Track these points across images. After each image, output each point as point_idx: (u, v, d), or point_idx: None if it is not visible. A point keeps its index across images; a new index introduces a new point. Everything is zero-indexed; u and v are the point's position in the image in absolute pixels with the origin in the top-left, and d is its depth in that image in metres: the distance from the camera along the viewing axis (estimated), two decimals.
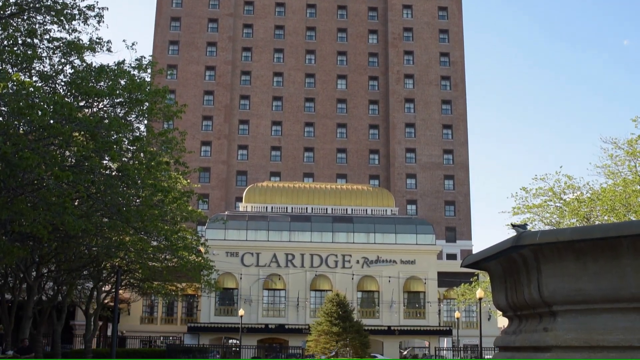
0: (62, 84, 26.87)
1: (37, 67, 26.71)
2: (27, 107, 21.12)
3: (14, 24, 26.25)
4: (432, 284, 72.39)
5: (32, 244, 33.57)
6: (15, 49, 25.23)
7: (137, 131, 29.62)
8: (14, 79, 21.78)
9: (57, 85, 26.96)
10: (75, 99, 25.95)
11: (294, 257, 72.34)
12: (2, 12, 25.48)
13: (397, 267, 72.31)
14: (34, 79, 25.95)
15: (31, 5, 26.14)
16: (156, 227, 34.15)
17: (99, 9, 27.66)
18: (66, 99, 24.63)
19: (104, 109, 27.72)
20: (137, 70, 28.11)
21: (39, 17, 26.83)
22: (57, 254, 39.05)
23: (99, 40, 27.88)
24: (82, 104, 26.36)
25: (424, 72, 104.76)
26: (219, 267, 61.72)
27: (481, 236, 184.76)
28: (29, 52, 25.12)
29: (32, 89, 22.27)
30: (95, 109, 27.44)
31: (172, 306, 74.35)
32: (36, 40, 26.32)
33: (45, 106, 22.21)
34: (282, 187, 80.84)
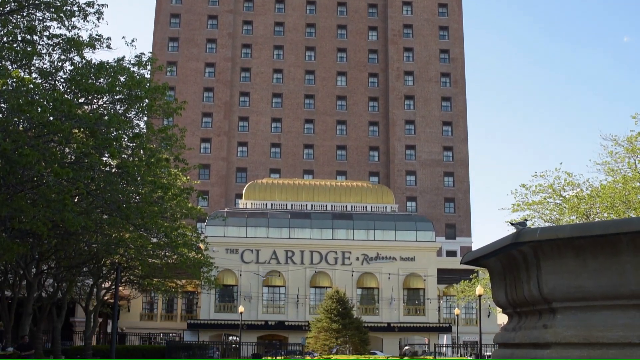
0: (62, 80, 26.87)
1: (36, 64, 26.71)
2: (27, 104, 21.11)
3: (14, 21, 26.24)
4: (432, 281, 72.44)
5: (32, 241, 33.61)
6: (14, 45, 25.23)
7: (136, 128, 29.63)
8: (14, 75, 21.76)
9: (56, 82, 26.96)
10: (75, 95, 25.95)
11: (294, 254, 72.36)
12: (1, 8, 25.45)
13: (397, 264, 72.34)
14: (34, 75, 25.93)
15: (31, 1, 26.10)
16: (156, 223, 34.17)
17: (98, 5, 27.64)
18: (66, 95, 24.62)
19: (104, 105, 27.71)
20: (136, 67, 28.11)
21: (38, 14, 26.82)
22: (57, 251, 39.10)
23: (98, 37, 27.86)
24: (81, 100, 26.35)
25: (423, 69, 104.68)
26: (219, 264, 61.73)
27: (481, 233, 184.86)
28: (29, 49, 25.10)
29: (32, 86, 22.26)
30: (95, 106, 27.44)
31: (172, 303, 74.41)
32: (36, 37, 26.32)
33: (45, 103, 22.21)
34: (281, 184, 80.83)
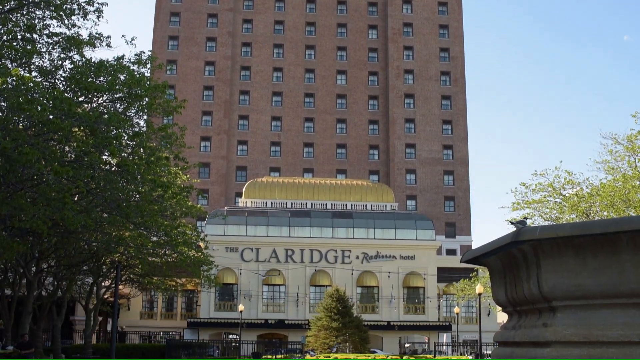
0: (62, 79, 26.85)
1: (36, 62, 26.70)
2: (27, 102, 21.10)
3: (13, 19, 26.21)
4: (432, 280, 72.44)
5: (32, 239, 33.62)
6: (14, 44, 25.21)
7: (136, 126, 29.62)
8: (14, 74, 21.76)
9: (56, 80, 26.94)
10: (74, 94, 25.93)
11: (294, 253, 72.36)
12: (1, 7, 25.43)
13: (397, 263, 72.33)
14: (34, 74, 25.92)
15: (30, 0, 26.09)
16: (156, 222, 34.18)
17: (98, 4, 27.62)
18: (66, 94, 24.60)
19: (104, 104, 27.69)
20: (136, 65, 28.09)
21: (38, 12, 26.80)
22: (57, 250, 39.11)
23: (98, 35, 27.84)
24: (81, 99, 26.33)
25: (423, 68, 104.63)
26: (219, 263, 61.73)
27: (481, 232, 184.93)
28: (29, 47, 25.09)
29: (32, 84, 22.26)
30: (94, 104, 27.43)
31: (172, 301, 74.43)
32: (35, 35, 26.30)
33: (44, 101, 22.20)
34: (281, 183, 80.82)
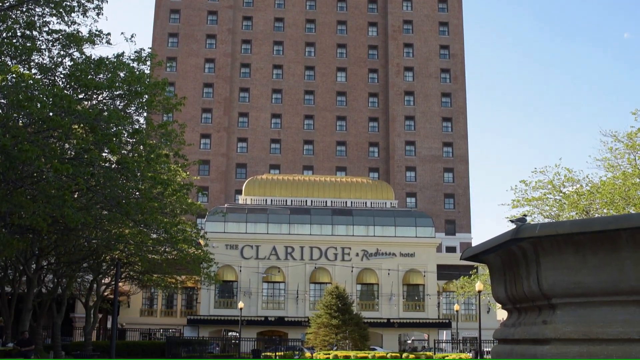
0: (62, 76, 26.84)
1: (36, 60, 26.68)
2: (27, 100, 21.09)
3: (13, 16, 26.18)
4: (432, 277, 72.46)
5: (32, 237, 33.61)
6: (14, 41, 25.18)
7: (136, 124, 29.63)
8: (13, 71, 21.75)
9: (56, 77, 26.92)
10: (74, 91, 25.92)
11: (294, 250, 72.38)
12: (1, 4, 25.41)
13: (397, 260, 72.36)
14: (33, 71, 25.91)
15: None
16: (156, 219, 34.20)
17: (97, 1, 27.60)
18: (65, 91, 24.59)
19: (104, 101, 27.68)
20: (136, 62, 28.06)
21: (38, 9, 26.77)
22: (57, 247, 39.12)
23: (98, 32, 27.80)
24: (81, 96, 26.33)
25: (423, 65, 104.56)
26: (219, 260, 61.78)
27: (480, 229, 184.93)
28: (28, 45, 25.07)
29: (32, 82, 22.24)
30: (94, 102, 27.42)
31: (172, 299, 74.47)
32: (35, 32, 26.26)
33: (44, 99, 22.18)
34: (281, 180, 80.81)
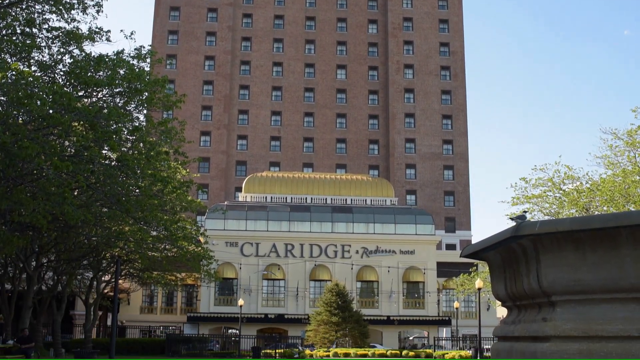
0: (61, 73, 26.82)
1: (36, 57, 26.65)
2: (26, 97, 21.09)
3: (13, 13, 26.16)
4: (432, 274, 72.49)
5: (32, 234, 33.64)
6: (14, 38, 25.17)
7: (136, 121, 29.58)
8: (13, 68, 21.73)
9: (56, 74, 26.90)
10: (74, 88, 25.90)
11: (294, 247, 72.40)
12: (0, 1, 25.38)
13: (397, 257, 72.39)
14: (33, 68, 25.88)
15: None
16: (156, 217, 34.21)
17: None
18: (65, 88, 24.57)
19: (103, 98, 27.66)
20: (136, 59, 28.03)
21: (37, 7, 26.74)
22: (57, 244, 39.15)
23: (98, 29, 27.77)
24: (81, 93, 26.31)
25: (423, 62, 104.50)
26: (219, 257, 61.78)
27: (480, 226, 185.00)
28: (28, 42, 25.04)
29: (31, 79, 22.22)
30: (94, 99, 27.39)
31: (172, 296, 74.50)
32: (35, 29, 26.24)
33: (44, 96, 22.17)
34: (281, 177, 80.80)
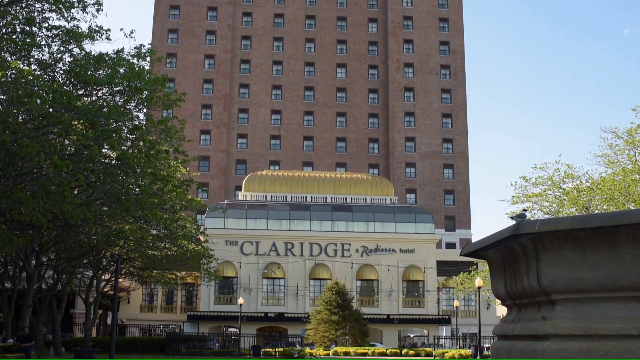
0: (61, 72, 26.81)
1: (35, 55, 26.64)
2: (26, 96, 21.08)
3: (13, 12, 26.15)
4: (431, 273, 72.51)
5: (32, 233, 33.64)
6: (14, 37, 25.16)
7: (136, 120, 29.59)
8: (13, 67, 21.71)
9: (56, 73, 26.90)
10: (74, 87, 25.90)
11: (294, 246, 72.40)
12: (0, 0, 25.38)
13: (397, 256, 72.40)
14: (33, 67, 25.86)
15: None
16: (155, 215, 34.18)
17: None
18: (65, 87, 24.57)
19: (103, 97, 27.66)
20: (136, 58, 28.03)
21: (37, 5, 26.74)
22: (57, 243, 39.14)
23: (97, 28, 27.77)
24: (81, 92, 26.31)
25: (423, 61, 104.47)
26: (219, 256, 61.77)
27: (480, 225, 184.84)
28: (28, 40, 25.04)
29: (31, 77, 22.21)
30: (94, 98, 27.39)
31: (172, 295, 74.51)
32: (35, 28, 26.24)
33: (44, 94, 22.16)
34: (281, 176, 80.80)
